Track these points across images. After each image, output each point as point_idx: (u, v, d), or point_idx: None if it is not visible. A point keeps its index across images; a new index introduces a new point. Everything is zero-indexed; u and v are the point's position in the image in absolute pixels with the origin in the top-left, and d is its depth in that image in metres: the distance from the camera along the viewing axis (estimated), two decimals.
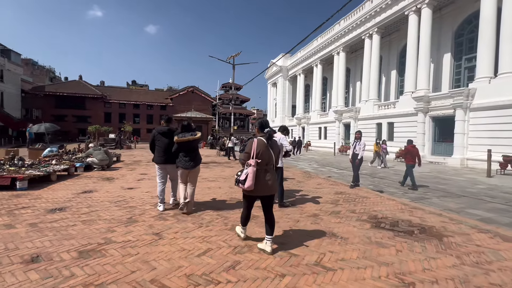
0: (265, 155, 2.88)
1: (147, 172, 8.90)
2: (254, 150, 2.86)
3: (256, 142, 2.90)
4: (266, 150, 2.89)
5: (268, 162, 2.92)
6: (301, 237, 3.38)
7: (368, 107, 22.11)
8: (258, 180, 2.83)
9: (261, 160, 2.86)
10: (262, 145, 2.89)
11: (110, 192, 5.74)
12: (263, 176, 2.86)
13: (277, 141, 3.43)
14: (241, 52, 23.87)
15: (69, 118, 35.18)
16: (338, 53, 26.99)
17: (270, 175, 2.91)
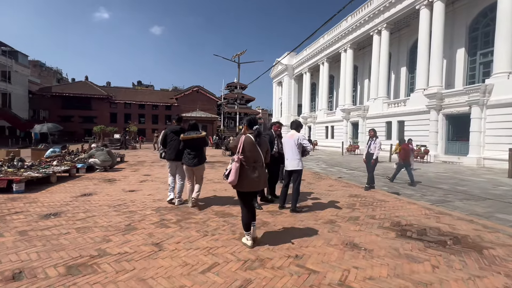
0: (251, 152, 2.92)
1: (150, 173, 8.60)
2: (240, 147, 2.90)
3: (243, 139, 2.93)
4: (253, 148, 2.92)
5: (256, 160, 2.95)
6: (318, 248, 2.98)
7: (377, 105, 21.49)
8: (245, 176, 2.88)
9: (246, 157, 2.89)
10: (249, 143, 2.92)
11: (110, 195, 5.43)
12: (250, 173, 2.89)
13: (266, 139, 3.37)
14: (246, 51, 23.45)
15: (75, 119, 35.37)
16: (345, 50, 26.38)
17: (258, 172, 2.94)
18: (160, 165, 10.92)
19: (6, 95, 29.79)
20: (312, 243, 3.15)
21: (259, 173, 2.96)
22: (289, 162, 4.39)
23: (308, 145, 4.33)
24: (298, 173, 4.37)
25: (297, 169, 4.31)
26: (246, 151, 2.91)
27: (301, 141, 4.31)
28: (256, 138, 2.97)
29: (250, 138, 2.95)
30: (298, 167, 4.32)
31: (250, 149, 2.92)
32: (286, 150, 4.46)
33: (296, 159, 4.30)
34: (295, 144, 4.31)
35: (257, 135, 2.99)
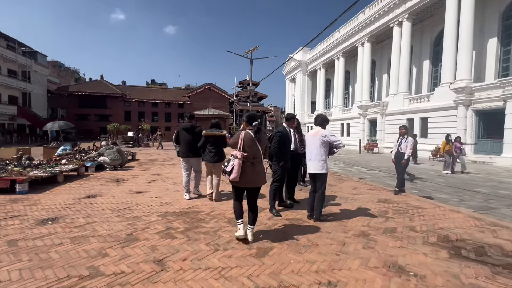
0: (251, 148, 2.91)
1: (160, 172, 8.24)
2: (241, 143, 2.90)
3: (243, 135, 2.92)
4: (252, 144, 2.92)
5: (255, 156, 2.95)
6: (355, 272, 2.40)
7: (398, 101, 20.31)
8: (244, 172, 2.87)
9: (247, 153, 2.89)
10: (249, 139, 2.92)
11: (116, 197, 5.04)
12: (249, 169, 2.90)
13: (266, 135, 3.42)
14: (259, 46, 22.84)
15: (91, 117, 36.09)
16: (362, 44, 25.19)
17: (257, 168, 2.95)
18: (171, 164, 10.59)
19: (26, 94, 30.73)
20: (346, 264, 2.57)
21: (259, 169, 2.97)
22: (312, 164, 3.81)
23: (338, 141, 3.73)
24: (323, 177, 3.77)
25: (321, 172, 3.71)
26: (245, 147, 2.90)
27: (328, 138, 3.72)
28: (256, 134, 2.94)
29: (249, 134, 2.94)
30: (322, 170, 3.72)
31: (249, 145, 2.91)
32: (309, 149, 3.88)
33: (320, 160, 3.71)
34: (321, 143, 3.72)
35: (257, 131, 2.96)
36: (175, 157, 13.33)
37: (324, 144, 3.72)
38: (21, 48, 30.38)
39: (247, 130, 2.99)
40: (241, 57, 22.41)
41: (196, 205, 4.57)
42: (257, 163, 2.98)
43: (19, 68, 29.67)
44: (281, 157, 4.14)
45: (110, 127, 21.11)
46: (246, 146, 2.91)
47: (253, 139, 2.93)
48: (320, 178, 3.75)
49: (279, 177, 4.19)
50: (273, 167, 4.27)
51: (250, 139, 2.93)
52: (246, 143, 2.92)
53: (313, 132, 3.91)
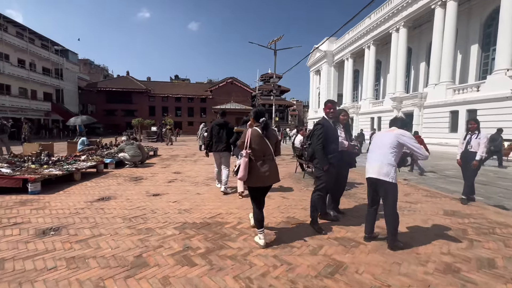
0: (259, 146, 2.78)
1: (181, 170, 7.69)
2: (248, 141, 2.76)
3: (250, 132, 2.80)
4: (260, 141, 2.79)
5: (264, 153, 2.81)
6: None
7: (439, 92, 18.23)
8: (254, 171, 2.77)
9: (254, 151, 2.78)
10: (256, 136, 2.79)
11: (131, 200, 4.48)
12: (260, 167, 2.78)
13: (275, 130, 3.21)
14: (283, 36, 21.65)
15: (118, 112, 37.29)
16: (397, 29, 22.99)
17: (267, 166, 2.81)
18: (192, 160, 10.07)
19: (59, 91, 32.28)
20: None
21: (269, 167, 2.82)
22: (375, 167, 2.83)
23: (418, 149, 2.70)
24: (390, 189, 2.78)
25: (387, 180, 2.75)
26: (253, 145, 2.77)
27: (408, 142, 2.72)
28: (263, 130, 2.81)
29: (256, 131, 2.81)
30: (389, 178, 2.74)
31: (257, 143, 2.78)
32: (375, 148, 2.95)
33: (387, 164, 2.75)
34: (396, 144, 2.76)
35: (264, 127, 2.82)
36: (197, 152, 12.88)
37: (399, 146, 2.75)
38: (54, 46, 31.81)
39: (254, 127, 2.85)
40: (263, 51, 21.49)
41: (219, 214, 3.86)
42: (267, 161, 2.82)
43: (52, 66, 31.14)
44: (326, 158, 3.24)
45: (134, 122, 21.28)
46: (254, 144, 2.77)
47: (261, 136, 2.78)
48: (386, 189, 2.79)
49: (324, 184, 3.30)
50: (316, 171, 3.39)
51: (258, 136, 2.78)
52: (254, 140, 2.77)
53: (388, 129, 2.97)
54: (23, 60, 27.19)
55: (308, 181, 6.39)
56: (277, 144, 2.96)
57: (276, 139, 2.95)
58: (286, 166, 8.81)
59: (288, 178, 6.74)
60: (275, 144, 2.92)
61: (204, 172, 7.33)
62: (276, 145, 2.92)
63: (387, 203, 2.81)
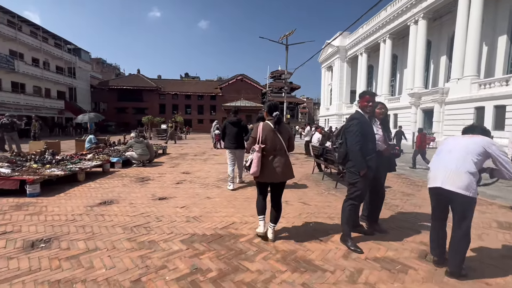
0: (272, 140, 2.72)
1: (190, 169, 7.27)
2: (260, 135, 2.72)
3: (262, 126, 2.74)
4: (272, 135, 2.72)
5: (276, 148, 2.73)
6: None
7: (462, 87, 17.10)
8: (265, 166, 2.70)
9: (267, 145, 2.71)
10: (268, 130, 2.73)
11: (134, 204, 4.06)
12: (271, 163, 2.71)
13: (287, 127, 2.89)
14: (295, 30, 20.92)
15: (129, 110, 37.51)
16: (416, 21, 21.81)
17: (279, 162, 2.72)
18: (202, 159, 9.65)
19: (72, 89, 32.70)
20: None
21: (281, 162, 2.72)
22: (448, 174, 2.17)
23: (507, 165, 2.06)
24: (467, 204, 2.13)
25: (466, 194, 2.08)
26: (265, 139, 2.71)
27: (494, 152, 2.08)
28: (276, 124, 2.73)
29: (268, 125, 2.75)
30: (468, 192, 2.07)
31: (269, 137, 2.71)
32: (450, 153, 2.27)
33: (466, 173, 2.09)
34: (479, 152, 2.11)
35: (277, 121, 2.74)
36: (207, 151, 12.48)
37: (484, 156, 2.12)
38: (66, 45, 32.20)
39: (266, 121, 2.80)
40: (273, 48, 20.87)
41: (233, 223, 3.37)
42: (280, 156, 2.74)
43: (65, 64, 31.52)
44: (364, 161, 2.67)
45: (144, 119, 21.18)
46: (266, 138, 2.72)
47: (273, 130, 2.73)
48: (463, 205, 2.13)
49: (359, 192, 2.72)
50: (349, 176, 2.82)
51: (270, 130, 2.74)
52: (266, 134, 2.72)
53: (465, 135, 2.33)
54: (37, 59, 27.59)
55: (328, 183, 5.81)
56: (290, 139, 2.85)
57: (289, 134, 2.85)
58: (302, 166, 8.24)
59: (305, 180, 6.18)
60: (288, 139, 2.82)
61: (215, 172, 6.87)
62: (289, 140, 2.83)
63: (460, 221, 2.17)
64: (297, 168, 7.73)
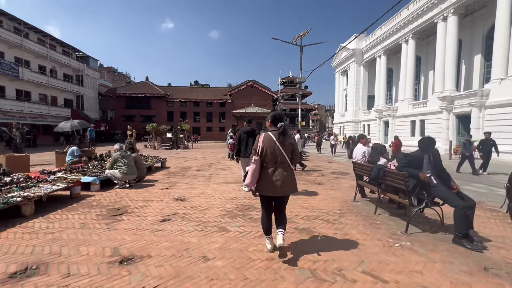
0: (272, 152, 2.61)
1: (187, 193, 5.49)
2: (260, 146, 2.64)
3: (262, 138, 2.66)
4: (273, 147, 2.61)
5: (276, 160, 2.61)
6: None
7: (507, 88, 14.78)
8: (264, 178, 2.61)
9: (266, 157, 2.62)
10: (269, 141, 2.63)
11: (68, 282, 2.28)
12: (270, 175, 2.59)
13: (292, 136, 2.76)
14: (311, 30, 19.27)
15: (136, 118, 36.58)
16: (445, 18, 19.71)
17: (280, 175, 2.59)
18: (206, 175, 7.88)
19: (80, 97, 32.11)
20: None
21: (281, 176, 2.59)
22: None
23: None
24: None
25: None
26: (265, 151, 2.62)
27: None
28: (279, 136, 2.63)
29: (270, 136, 2.64)
30: None
31: (270, 149, 2.61)
32: None
33: None
34: None
35: (281, 133, 2.64)
36: (213, 163, 10.73)
37: None
38: (75, 53, 31.82)
39: (269, 132, 2.70)
40: (284, 53, 19.19)
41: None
42: (281, 169, 2.60)
43: (73, 72, 31.06)
44: None
45: (149, 127, 19.81)
46: (266, 150, 2.60)
47: (275, 142, 2.60)
48: None
49: None
50: None
51: (271, 141, 2.61)
52: (266, 146, 2.61)
53: None
54: (43, 66, 27.08)
55: (384, 220, 3.89)
56: (294, 152, 2.70)
57: (292, 147, 2.69)
58: (332, 187, 6.32)
59: (349, 213, 4.26)
60: (292, 151, 2.68)
61: (219, 199, 5.07)
62: (292, 152, 2.68)
63: None
64: (328, 191, 5.83)
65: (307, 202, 4.93)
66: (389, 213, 4.24)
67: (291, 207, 4.47)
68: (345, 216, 4.08)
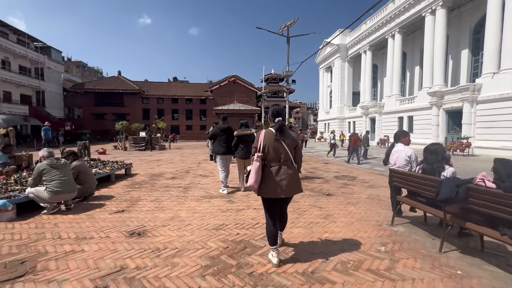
0: (274, 149, 2.41)
1: (151, 221, 3.75)
2: (261, 143, 2.41)
3: (263, 134, 2.45)
4: (276, 143, 2.41)
5: (280, 158, 2.41)
6: None
7: (501, 82, 14.30)
8: (267, 179, 2.38)
9: (268, 155, 2.41)
10: (270, 137, 2.42)
11: None
12: (275, 175, 2.37)
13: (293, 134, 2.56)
14: (298, 19, 17.85)
15: (108, 116, 33.41)
16: (433, 11, 19.18)
17: (285, 174, 2.39)
18: (182, 186, 6.12)
19: (40, 92, 28.54)
20: None
21: (287, 174, 2.39)
22: None
23: None
24: None
25: None
26: (267, 148, 2.40)
27: None
28: (277, 131, 2.42)
29: (271, 132, 2.45)
30: None
31: (272, 146, 2.40)
32: None
33: None
34: None
35: (279, 128, 2.42)
36: (192, 167, 8.91)
37: None
38: (33, 43, 28.19)
39: (269, 128, 2.51)
40: (269, 49, 17.65)
41: None
42: (286, 167, 2.41)
43: (31, 64, 27.46)
44: None
45: (118, 126, 17.43)
46: (267, 147, 2.40)
47: (276, 138, 2.40)
48: None
49: None
50: None
51: (272, 137, 2.41)
52: (268, 142, 2.40)
53: None
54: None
55: (467, 266, 2.45)
56: (297, 149, 2.53)
57: (295, 143, 2.51)
58: (351, 200, 4.86)
59: (397, 249, 2.78)
60: (295, 148, 2.51)
61: (199, 228, 3.42)
62: (296, 149, 2.51)
63: None
64: (347, 207, 4.37)
65: (326, 228, 3.42)
66: (458, 249, 2.82)
67: (308, 238, 2.95)
68: (397, 259, 2.60)
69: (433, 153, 2.96)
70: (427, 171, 2.95)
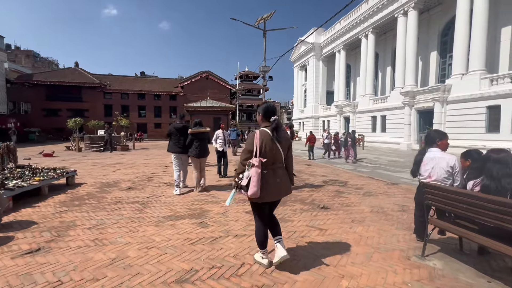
0: (271, 151, 2.23)
1: (78, 269, 2.47)
2: (258, 145, 2.20)
3: (259, 135, 2.23)
4: (272, 145, 2.24)
5: (275, 160, 2.28)
6: None
7: (470, 83, 14.77)
8: (265, 183, 2.20)
9: (266, 159, 2.21)
10: (267, 138, 2.23)
11: None
12: (271, 178, 2.23)
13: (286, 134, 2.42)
14: (275, 12, 16.96)
15: (63, 113, 29.66)
16: (405, 12, 19.52)
17: (279, 175, 2.30)
18: (139, 201, 4.78)
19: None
20: None
21: (284, 176, 2.34)
22: None
23: None
24: None
25: None
26: (265, 150, 2.21)
27: None
28: (274, 131, 2.24)
29: (266, 132, 2.25)
30: None
31: (269, 148, 2.22)
32: None
33: None
34: None
35: (275, 128, 2.25)
36: (156, 174, 7.38)
37: None
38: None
39: (263, 128, 2.29)
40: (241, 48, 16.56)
41: None
42: (279, 169, 2.32)
43: None
44: None
45: (70, 123, 15.07)
46: (265, 149, 2.20)
47: (272, 139, 2.23)
48: None
49: None
50: None
51: (269, 139, 2.22)
52: (266, 144, 2.21)
53: None
54: None
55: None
56: (290, 149, 2.42)
57: (288, 143, 2.39)
58: (354, 216, 3.96)
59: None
60: (288, 148, 2.39)
61: (152, 281, 2.22)
62: (288, 150, 2.40)
63: None
64: (353, 227, 3.46)
65: (340, 269, 2.42)
66: None
67: None
68: None
69: (499, 164, 2.11)
70: (492, 189, 2.09)
